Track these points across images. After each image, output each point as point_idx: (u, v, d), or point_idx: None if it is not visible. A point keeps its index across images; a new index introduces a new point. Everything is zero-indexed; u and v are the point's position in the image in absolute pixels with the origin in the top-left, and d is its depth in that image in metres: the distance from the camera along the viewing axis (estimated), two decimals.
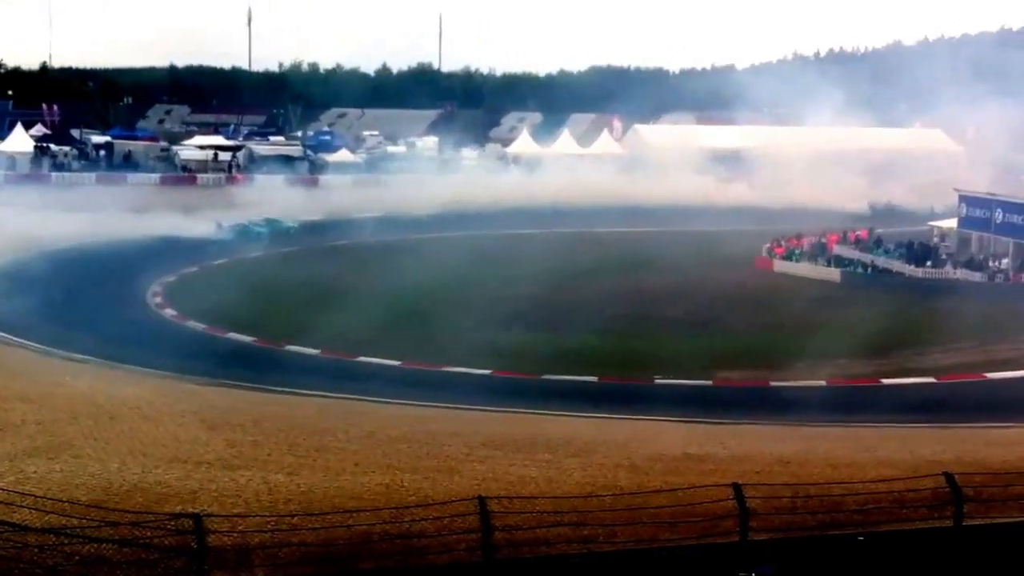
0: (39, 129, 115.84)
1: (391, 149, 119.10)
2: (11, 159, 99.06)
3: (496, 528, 16.04)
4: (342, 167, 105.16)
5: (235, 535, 16.71)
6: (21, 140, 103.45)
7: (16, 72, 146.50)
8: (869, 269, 61.04)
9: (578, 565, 16.49)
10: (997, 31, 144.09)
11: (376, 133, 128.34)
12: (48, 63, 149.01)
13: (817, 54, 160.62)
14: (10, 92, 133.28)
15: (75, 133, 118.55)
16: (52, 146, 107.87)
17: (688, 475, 20.90)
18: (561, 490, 19.50)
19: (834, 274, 60.28)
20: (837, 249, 65.64)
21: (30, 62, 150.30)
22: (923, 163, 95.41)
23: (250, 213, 75.38)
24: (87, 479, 19.93)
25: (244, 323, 45.12)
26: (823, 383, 37.80)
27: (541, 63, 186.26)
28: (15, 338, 40.09)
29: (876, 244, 65.35)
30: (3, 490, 16.69)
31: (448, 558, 16.16)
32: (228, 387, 33.34)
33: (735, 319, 48.03)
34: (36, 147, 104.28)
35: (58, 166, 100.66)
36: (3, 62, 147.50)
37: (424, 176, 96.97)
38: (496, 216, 78.63)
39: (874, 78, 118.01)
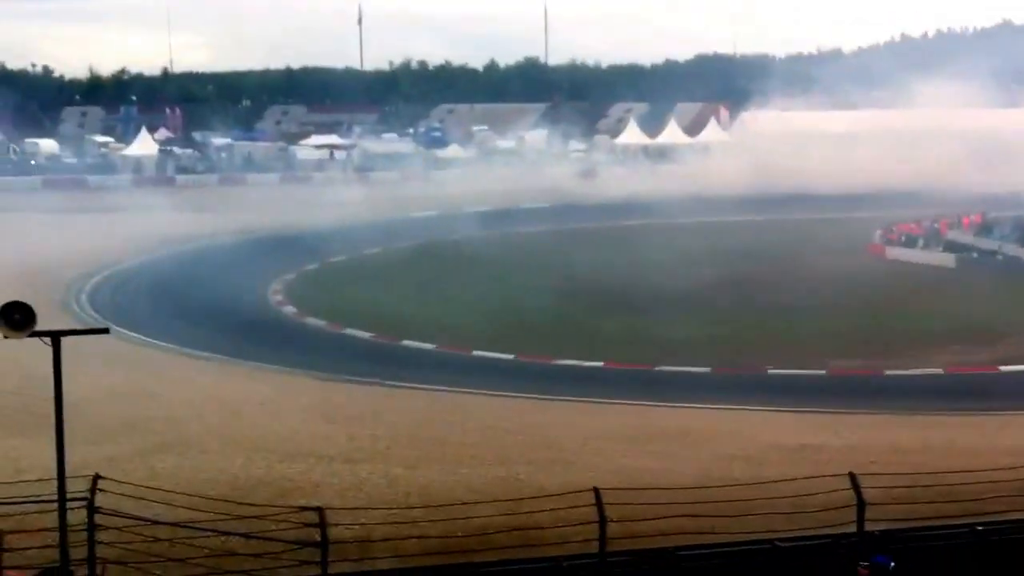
0: (163, 133, 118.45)
1: (501, 143, 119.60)
2: (138, 162, 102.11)
3: (612, 520, 16.09)
4: (455, 162, 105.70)
5: (357, 527, 17.23)
6: (146, 144, 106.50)
7: (139, 78, 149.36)
8: (993, 254, 59.60)
9: (696, 556, 16.51)
10: None
11: (485, 128, 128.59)
12: (169, 68, 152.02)
13: (925, 35, 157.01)
14: (134, 98, 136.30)
15: (196, 136, 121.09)
16: (175, 149, 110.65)
17: (803, 465, 20.83)
18: (676, 481, 19.32)
19: (948, 260, 59.12)
20: (951, 234, 64.43)
21: (152, 67, 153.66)
22: None
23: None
24: (214, 474, 20.63)
25: (362, 319, 45.63)
26: (940, 371, 37.24)
27: (646, 54, 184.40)
28: (144, 337, 41.07)
29: (990, 228, 64.13)
30: (135, 485, 17.24)
31: (565, 550, 16.30)
32: (347, 382, 33.93)
33: (848, 307, 47.47)
34: (160, 150, 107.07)
35: (182, 168, 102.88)
36: (127, 69, 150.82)
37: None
38: (607, 207, 78.17)
39: (985, 58, 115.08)
